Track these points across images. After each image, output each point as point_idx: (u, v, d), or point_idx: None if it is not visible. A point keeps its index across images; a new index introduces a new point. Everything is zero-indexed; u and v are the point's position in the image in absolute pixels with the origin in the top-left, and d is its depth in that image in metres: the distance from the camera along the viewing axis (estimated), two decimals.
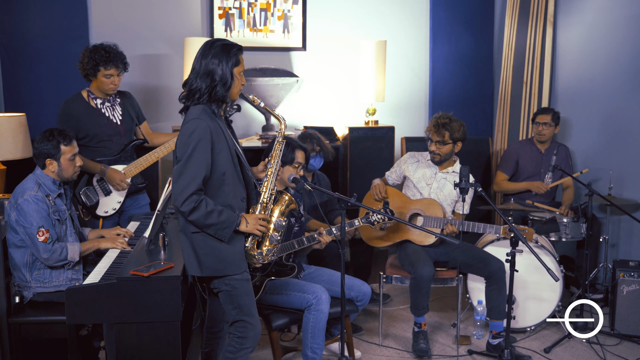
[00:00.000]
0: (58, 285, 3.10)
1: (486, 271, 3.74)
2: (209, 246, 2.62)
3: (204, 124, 2.57)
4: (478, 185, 3.28)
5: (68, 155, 3.14)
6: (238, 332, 2.72)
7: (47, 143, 3.11)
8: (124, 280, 2.54)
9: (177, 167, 2.57)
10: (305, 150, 3.54)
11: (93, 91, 3.78)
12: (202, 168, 2.55)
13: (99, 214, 3.78)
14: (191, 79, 2.64)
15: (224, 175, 2.63)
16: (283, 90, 4.81)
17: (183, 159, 2.56)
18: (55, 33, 4.52)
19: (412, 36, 5.33)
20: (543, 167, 4.63)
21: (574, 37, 4.88)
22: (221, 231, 2.59)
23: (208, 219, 2.55)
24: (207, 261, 2.63)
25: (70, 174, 3.18)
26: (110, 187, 3.76)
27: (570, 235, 4.26)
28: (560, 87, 5.02)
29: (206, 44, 2.65)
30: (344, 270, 2.93)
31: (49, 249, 2.99)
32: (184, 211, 2.54)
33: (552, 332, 4.06)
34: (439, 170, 3.93)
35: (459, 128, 3.84)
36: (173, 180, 2.59)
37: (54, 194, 3.12)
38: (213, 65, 2.59)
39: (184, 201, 2.52)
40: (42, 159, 3.11)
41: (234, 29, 4.91)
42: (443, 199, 3.89)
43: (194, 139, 2.55)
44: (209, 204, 2.56)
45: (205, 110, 2.62)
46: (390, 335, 4.04)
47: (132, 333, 2.56)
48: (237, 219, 2.62)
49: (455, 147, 3.89)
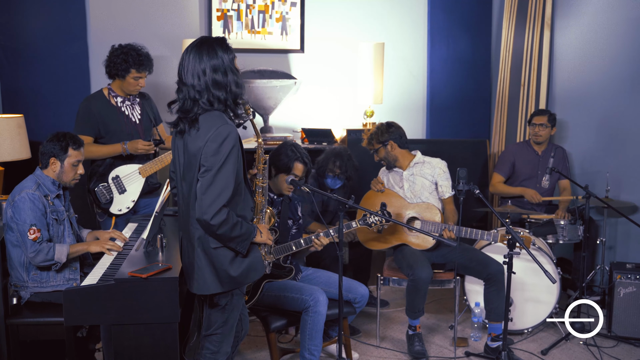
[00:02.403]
0: (55, 285, 3.09)
1: (485, 273, 3.75)
2: (229, 259, 2.52)
3: (235, 131, 2.41)
4: (476, 187, 3.29)
5: (73, 159, 3.15)
6: (213, 345, 2.66)
7: (56, 143, 3.12)
8: (122, 282, 2.54)
9: (207, 177, 2.39)
10: (306, 164, 3.43)
11: (114, 89, 3.80)
12: (232, 179, 2.41)
13: (112, 212, 3.78)
14: (198, 90, 2.43)
15: (239, 185, 2.51)
16: (281, 92, 4.81)
17: (214, 168, 2.38)
18: (54, 34, 4.52)
19: (410, 38, 5.34)
20: (540, 169, 4.64)
21: (571, 40, 4.90)
22: (242, 243, 2.49)
23: (234, 231, 2.43)
24: (227, 275, 2.52)
25: (70, 179, 3.18)
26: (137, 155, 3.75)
27: (567, 238, 4.27)
28: (557, 89, 5.04)
29: (198, 47, 2.47)
30: (341, 272, 2.93)
31: (36, 248, 2.98)
32: (214, 224, 2.38)
33: (550, 334, 4.06)
34: (403, 170, 3.96)
35: (382, 132, 3.96)
36: (200, 192, 2.40)
37: (52, 195, 3.12)
38: (216, 73, 2.43)
39: (215, 214, 2.36)
40: (47, 157, 3.12)
41: (232, 30, 4.92)
42: (420, 194, 3.90)
43: (226, 147, 2.38)
44: (233, 216, 2.44)
45: (223, 115, 2.46)
46: (387, 337, 4.04)
47: (130, 334, 2.55)
48: (255, 229, 2.55)
49: (389, 148, 3.94)
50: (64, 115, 4.46)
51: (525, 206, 4.52)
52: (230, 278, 2.54)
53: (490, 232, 3.73)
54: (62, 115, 4.49)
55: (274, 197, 3.48)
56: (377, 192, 3.98)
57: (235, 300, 2.64)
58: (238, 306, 2.67)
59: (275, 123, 4.99)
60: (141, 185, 3.81)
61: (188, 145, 2.51)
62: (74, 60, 4.57)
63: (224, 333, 2.65)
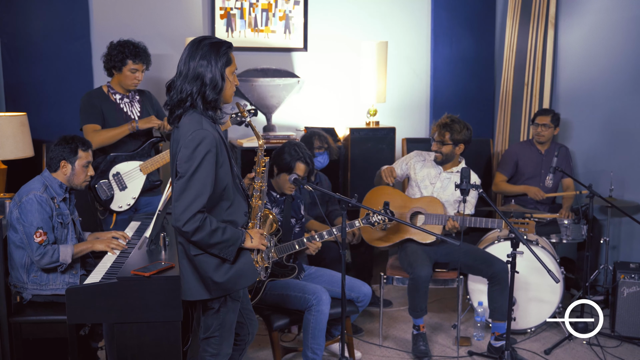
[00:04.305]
0: (55, 288, 3.09)
1: (489, 272, 3.74)
2: (213, 266, 2.45)
3: (211, 136, 2.36)
4: (479, 187, 3.28)
5: (83, 161, 3.15)
6: (212, 348, 2.60)
7: (65, 146, 3.12)
8: (125, 280, 2.53)
9: (180, 183, 2.36)
10: (308, 165, 3.43)
11: (113, 86, 3.82)
12: (208, 185, 2.36)
13: (113, 209, 3.78)
14: (178, 83, 2.42)
15: (224, 190, 2.45)
16: (284, 91, 4.81)
17: (187, 174, 2.34)
18: (57, 32, 4.52)
19: (413, 37, 5.32)
20: (543, 168, 4.62)
21: (575, 39, 4.88)
22: (226, 249, 2.42)
23: (212, 238, 2.37)
24: (212, 282, 2.45)
25: (81, 181, 3.18)
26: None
27: (571, 237, 4.26)
28: (561, 88, 5.02)
29: (192, 44, 2.42)
30: (344, 270, 2.93)
31: (42, 251, 2.98)
32: (187, 231, 2.34)
33: (553, 333, 4.05)
34: (443, 170, 3.93)
35: (461, 130, 3.84)
36: (174, 198, 2.38)
37: (59, 198, 3.11)
38: (202, 67, 2.38)
39: (188, 221, 2.32)
40: (57, 161, 3.12)
41: (235, 29, 4.91)
42: (445, 199, 3.89)
43: (200, 152, 2.34)
44: (213, 222, 2.38)
45: (204, 119, 2.42)
46: (390, 336, 4.03)
47: (133, 333, 2.55)
48: (242, 235, 2.48)
49: (456, 149, 3.89)
50: (67, 114, 4.46)
51: (528, 205, 4.51)
52: (216, 285, 2.46)
53: (495, 220, 3.73)
54: (65, 113, 4.49)
55: (277, 197, 3.48)
56: (380, 192, 3.97)
57: (230, 303, 2.56)
58: (234, 309, 2.60)
59: (278, 122, 4.99)
60: (142, 183, 3.81)
61: (172, 144, 2.51)
62: (77, 58, 4.56)
63: (222, 335, 2.59)
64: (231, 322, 2.62)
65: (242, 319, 2.78)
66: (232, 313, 2.60)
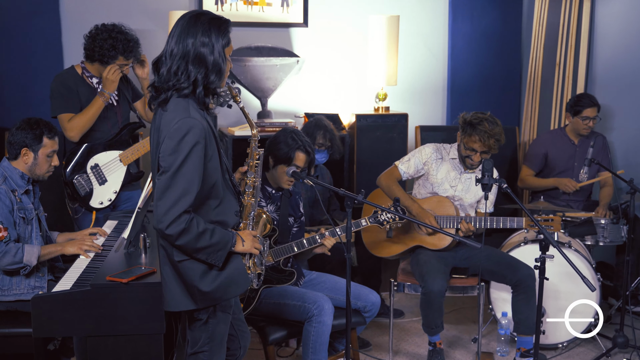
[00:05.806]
0: (19, 294, 3.09)
1: (514, 278, 3.74)
2: (199, 273, 2.42)
3: (199, 125, 2.33)
4: (503, 181, 3.26)
5: (48, 150, 3.16)
6: None
7: (29, 131, 3.11)
8: (99, 287, 2.53)
9: (163, 179, 2.32)
10: (309, 154, 3.41)
11: (90, 70, 3.83)
12: (195, 181, 2.32)
13: (92, 206, 3.78)
14: (174, 63, 2.35)
15: (212, 187, 2.44)
16: (281, 72, 4.80)
17: (171, 169, 2.31)
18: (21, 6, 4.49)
19: (428, 11, 5.31)
20: (577, 160, 4.61)
21: (614, 12, 4.86)
22: (214, 254, 2.39)
23: (199, 242, 2.34)
24: (198, 291, 2.42)
25: (44, 171, 3.19)
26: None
27: (608, 239, 4.25)
28: (598, 69, 5.01)
29: (189, 18, 2.38)
30: (349, 276, 2.92)
31: (2, 249, 2.97)
32: (171, 234, 2.30)
33: (588, 349, 4.05)
34: (464, 170, 3.91)
35: (501, 131, 3.79)
36: (156, 197, 2.34)
37: (20, 190, 3.11)
38: (203, 47, 2.35)
39: (172, 223, 2.29)
40: (18, 147, 3.11)
41: (225, 1, 4.90)
42: (469, 203, 3.89)
43: (186, 144, 2.30)
44: (200, 224, 2.35)
45: (191, 104, 2.38)
46: (401, 351, 4.04)
47: (108, 347, 2.55)
48: (233, 237, 2.46)
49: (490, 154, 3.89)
50: (34, 97, 4.45)
51: (559, 202, 4.49)
52: (202, 294, 2.44)
53: (514, 219, 3.72)
54: (33, 97, 4.48)
55: (272, 192, 3.47)
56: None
57: (219, 314, 2.56)
58: (225, 320, 2.60)
59: (274, 107, 4.98)
60: (123, 174, 3.83)
61: (153, 133, 2.47)
62: (44, 34, 4.54)
63: (212, 350, 2.58)
64: (222, 335, 2.61)
65: (232, 331, 2.78)
66: (223, 324, 2.60)
